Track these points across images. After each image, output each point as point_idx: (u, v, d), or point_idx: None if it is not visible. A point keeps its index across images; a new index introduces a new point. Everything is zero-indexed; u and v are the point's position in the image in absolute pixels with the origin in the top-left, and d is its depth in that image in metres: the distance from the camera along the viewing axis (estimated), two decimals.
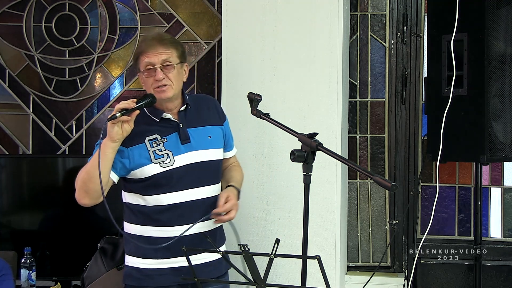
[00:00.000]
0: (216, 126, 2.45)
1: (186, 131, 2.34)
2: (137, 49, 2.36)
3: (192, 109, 2.40)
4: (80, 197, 2.25)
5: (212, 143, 2.40)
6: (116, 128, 2.16)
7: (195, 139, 2.35)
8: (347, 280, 3.31)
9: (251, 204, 2.97)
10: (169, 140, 2.31)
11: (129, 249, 2.38)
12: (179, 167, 2.30)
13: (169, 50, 2.30)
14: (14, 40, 3.71)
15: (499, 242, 3.33)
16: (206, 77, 3.61)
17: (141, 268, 2.33)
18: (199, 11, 3.60)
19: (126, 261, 2.40)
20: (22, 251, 3.03)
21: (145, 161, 2.27)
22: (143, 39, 2.41)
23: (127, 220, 2.39)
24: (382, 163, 3.42)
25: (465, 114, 2.83)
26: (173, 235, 2.27)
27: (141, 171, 2.28)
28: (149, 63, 2.27)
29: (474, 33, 2.77)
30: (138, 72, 2.35)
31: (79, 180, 2.23)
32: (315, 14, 2.96)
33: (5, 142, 3.73)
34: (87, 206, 2.27)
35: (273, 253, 1.73)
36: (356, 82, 3.42)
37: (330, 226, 2.96)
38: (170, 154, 2.30)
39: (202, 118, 2.41)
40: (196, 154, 2.34)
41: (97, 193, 2.18)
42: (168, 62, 2.29)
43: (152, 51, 2.27)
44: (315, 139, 1.94)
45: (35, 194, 3.34)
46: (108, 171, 2.22)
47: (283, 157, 2.91)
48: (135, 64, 2.36)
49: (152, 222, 2.31)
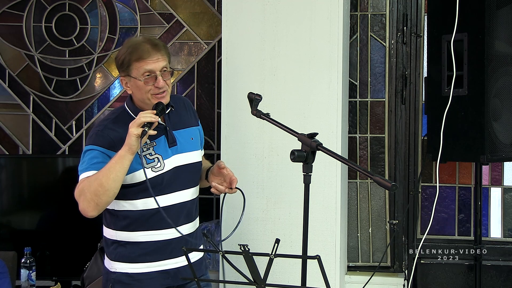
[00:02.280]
0: (195, 127, 2.44)
1: (172, 134, 2.32)
2: (130, 55, 2.23)
3: (174, 111, 2.37)
4: (89, 209, 2.15)
5: (194, 145, 2.39)
6: (137, 141, 2.11)
7: (180, 142, 2.33)
8: (347, 280, 3.31)
9: (251, 204, 2.97)
10: (158, 144, 2.28)
11: (115, 256, 2.32)
12: (168, 170, 2.28)
13: (164, 56, 2.27)
14: (14, 40, 3.71)
15: (499, 242, 3.33)
16: (206, 77, 3.61)
17: (130, 273, 2.29)
18: (199, 11, 3.60)
19: (113, 267, 2.33)
20: (22, 251, 3.03)
21: (136, 166, 2.21)
22: (132, 44, 2.25)
23: (110, 226, 2.34)
24: (382, 163, 3.42)
25: (465, 114, 2.83)
26: (161, 239, 2.27)
27: (132, 177, 2.23)
28: (149, 71, 2.22)
29: (474, 33, 2.77)
30: (126, 76, 2.25)
31: (90, 193, 2.13)
32: (315, 14, 2.96)
33: (5, 142, 3.73)
34: (92, 217, 2.19)
35: (273, 253, 1.73)
36: (356, 82, 3.42)
37: (330, 226, 2.96)
38: (160, 158, 2.27)
39: (182, 120, 2.39)
40: (182, 156, 2.32)
41: (107, 204, 2.17)
42: (165, 68, 2.25)
43: (150, 58, 2.22)
44: (315, 139, 1.93)
45: (35, 194, 3.35)
46: (121, 182, 2.17)
47: (283, 157, 2.91)
48: (125, 69, 2.25)
49: (140, 227, 2.27)
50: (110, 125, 2.26)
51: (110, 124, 2.27)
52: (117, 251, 2.32)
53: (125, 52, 2.25)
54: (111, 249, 2.33)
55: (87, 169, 2.19)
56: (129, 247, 2.29)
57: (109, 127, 2.26)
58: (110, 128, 2.25)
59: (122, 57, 2.26)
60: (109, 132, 2.24)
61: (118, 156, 2.12)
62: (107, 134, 2.23)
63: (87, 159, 2.21)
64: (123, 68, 2.26)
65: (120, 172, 2.12)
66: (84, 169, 2.20)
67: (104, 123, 2.30)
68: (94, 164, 2.19)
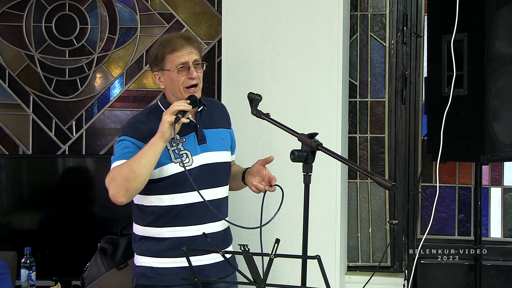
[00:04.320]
0: (226, 129, 2.49)
1: (202, 131, 2.36)
2: (164, 48, 2.31)
3: (206, 110, 2.42)
4: (119, 195, 2.18)
5: (224, 145, 2.43)
6: (170, 128, 2.15)
7: (210, 140, 2.37)
8: (347, 280, 3.31)
9: (251, 204, 2.97)
10: (187, 140, 2.32)
11: (141, 250, 2.38)
12: (196, 167, 2.32)
13: (197, 50, 2.34)
14: (14, 40, 3.71)
15: (499, 242, 3.33)
16: (206, 77, 3.60)
17: (155, 267, 2.34)
18: (199, 11, 3.60)
19: (138, 261, 2.39)
20: (22, 251, 3.02)
21: (165, 160, 2.27)
22: (165, 39, 2.36)
23: (138, 222, 2.39)
24: (382, 163, 3.42)
25: (465, 114, 2.83)
26: (186, 235, 2.30)
27: (160, 170, 2.27)
28: (182, 62, 2.29)
29: (474, 33, 2.77)
30: (160, 71, 2.33)
31: (120, 178, 2.17)
32: (315, 14, 2.96)
33: (5, 142, 3.73)
34: (121, 204, 2.23)
35: (273, 253, 1.73)
36: (356, 82, 3.42)
37: (330, 226, 2.96)
38: (189, 154, 2.31)
39: (214, 120, 2.44)
40: (211, 155, 2.37)
41: (136, 191, 2.21)
42: (197, 61, 2.33)
43: (184, 50, 2.29)
44: (315, 139, 1.94)
45: (35, 194, 3.34)
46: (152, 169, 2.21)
47: (283, 157, 2.91)
48: (159, 63, 2.33)
49: (166, 223, 2.32)
50: (143, 119, 2.34)
51: (142, 118, 2.35)
52: (143, 245, 2.36)
53: (159, 46, 2.34)
54: (138, 244, 2.39)
55: (118, 158, 2.25)
56: (155, 242, 2.33)
57: (142, 120, 2.33)
58: (142, 121, 2.33)
59: (155, 52, 2.35)
60: (141, 125, 2.31)
61: (151, 143, 2.17)
62: (139, 127, 2.30)
63: (119, 149, 2.27)
64: (156, 62, 2.34)
65: (151, 159, 2.16)
66: (116, 158, 2.25)
67: (137, 116, 2.38)
68: (125, 154, 2.24)
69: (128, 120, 2.42)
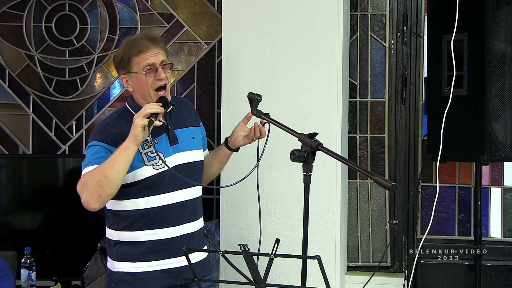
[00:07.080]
0: (196, 127, 2.45)
1: (174, 132, 2.32)
2: (129, 50, 2.26)
3: (175, 110, 2.38)
4: (92, 201, 2.13)
5: (195, 144, 2.40)
6: (143, 132, 2.11)
7: (181, 140, 2.33)
8: (347, 280, 3.31)
9: (251, 204, 2.97)
10: (159, 142, 2.28)
11: (117, 256, 2.32)
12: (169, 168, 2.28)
13: (163, 50, 2.30)
14: (14, 40, 3.71)
15: (499, 242, 3.33)
16: (206, 77, 3.61)
17: (133, 272, 2.29)
18: (199, 11, 3.60)
19: (114, 267, 2.33)
20: (22, 251, 3.03)
21: (138, 164, 2.22)
22: (130, 41, 2.29)
23: (112, 227, 2.34)
24: (382, 163, 3.42)
25: (465, 114, 2.83)
26: (162, 237, 2.27)
27: (133, 174, 2.23)
28: (149, 64, 2.24)
29: (474, 33, 2.77)
30: (127, 73, 2.28)
31: (93, 184, 2.12)
32: (315, 14, 2.96)
33: (5, 142, 3.73)
34: (94, 211, 2.19)
35: (273, 253, 1.73)
36: (356, 82, 3.42)
37: (330, 226, 2.96)
38: (162, 155, 2.26)
39: (184, 119, 2.40)
40: (183, 155, 2.33)
41: (109, 197, 2.16)
42: (164, 62, 2.28)
43: (150, 51, 2.24)
44: (315, 139, 1.93)
45: (35, 194, 3.35)
46: (125, 173, 2.17)
47: (283, 157, 2.91)
48: (125, 65, 2.27)
49: (141, 226, 2.27)
50: (112, 123, 2.28)
51: (112, 122, 2.29)
52: (119, 251, 2.32)
53: (124, 49, 2.28)
54: (114, 249, 2.33)
55: (89, 164, 2.19)
56: (131, 246, 2.29)
57: (111, 125, 2.27)
58: (112, 125, 2.27)
59: (121, 54, 2.28)
60: (111, 129, 2.25)
61: (122, 147, 2.12)
62: (109, 131, 2.24)
63: (90, 155, 2.22)
64: (123, 65, 2.28)
65: (124, 163, 2.11)
66: (87, 164, 2.20)
67: (107, 121, 2.32)
68: (96, 159, 2.19)
69: (97, 125, 2.36)
